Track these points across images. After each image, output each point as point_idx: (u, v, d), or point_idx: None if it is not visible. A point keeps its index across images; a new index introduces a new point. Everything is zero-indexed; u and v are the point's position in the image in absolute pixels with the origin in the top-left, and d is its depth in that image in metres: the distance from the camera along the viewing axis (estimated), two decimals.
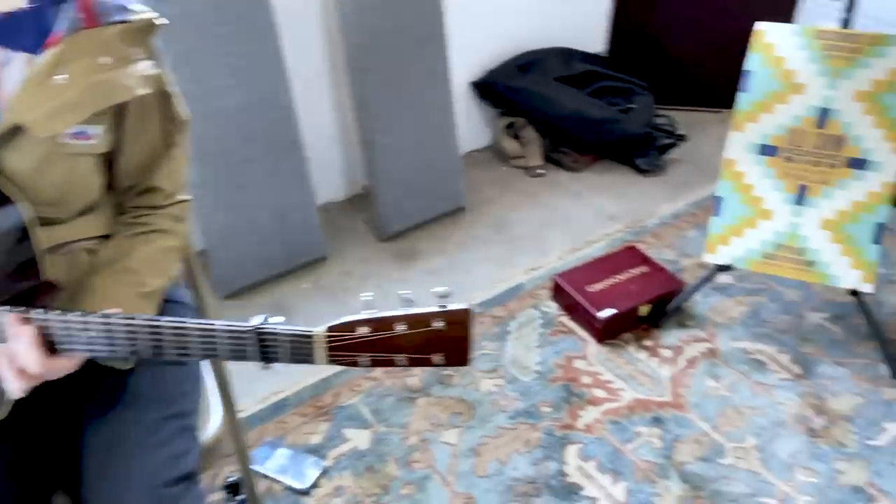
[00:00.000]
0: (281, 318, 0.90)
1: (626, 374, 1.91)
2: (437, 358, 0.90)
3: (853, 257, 1.89)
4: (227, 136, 1.96)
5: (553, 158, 2.81)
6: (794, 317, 2.09)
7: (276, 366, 0.92)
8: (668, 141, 2.84)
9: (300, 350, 0.87)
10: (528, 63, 2.76)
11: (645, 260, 2.19)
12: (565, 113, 2.69)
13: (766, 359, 1.95)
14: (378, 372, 1.88)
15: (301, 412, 1.79)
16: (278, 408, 1.81)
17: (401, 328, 0.87)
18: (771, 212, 1.98)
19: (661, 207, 2.58)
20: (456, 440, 1.73)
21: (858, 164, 1.87)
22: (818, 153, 1.91)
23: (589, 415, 1.80)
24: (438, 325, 0.87)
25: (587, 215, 2.55)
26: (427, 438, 1.73)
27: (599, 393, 1.86)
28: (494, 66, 2.73)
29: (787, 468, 1.67)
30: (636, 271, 2.14)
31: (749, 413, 1.80)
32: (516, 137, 2.80)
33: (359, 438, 1.73)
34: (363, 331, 0.86)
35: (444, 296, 0.89)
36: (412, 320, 0.87)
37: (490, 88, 2.73)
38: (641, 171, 2.77)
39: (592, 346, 2.00)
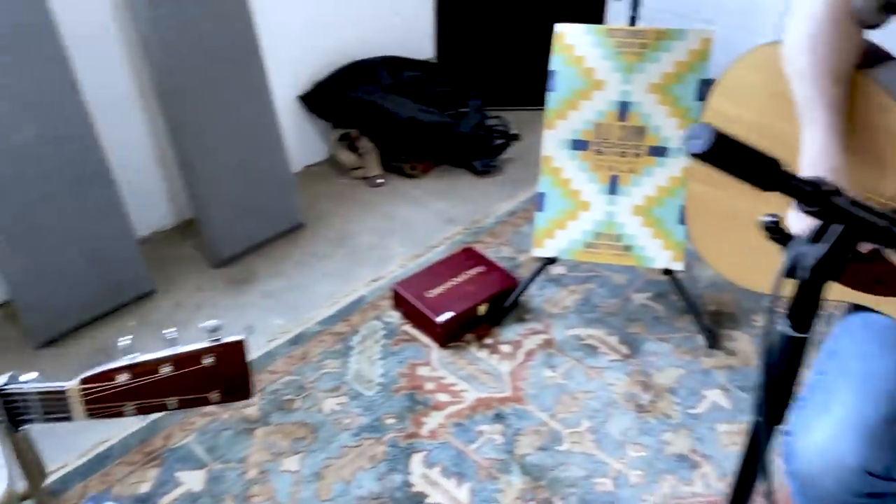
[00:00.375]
0: (33, 374, 0.84)
1: (469, 375, 1.94)
2: (213, 395, 0.87)
3: (663, 239, 2.02)
4: (22, 173, 1.82)
5: (392, 167, 2.82)
6: (621, 300, 2.20)
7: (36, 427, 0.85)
8: (501, 141, 2.92)
9: (55, 408, 0.81)
10: (356, 73, 2.75)
11: (481, 260, 2.24)
12: (399, 121, 2.71)
13: (598, 343, 2.04)
14: (213, 406, 1.80)
15: (128, 461, 1.69)
16: (102, 459, 1.69)
17: (166, 370, 0.82)
18: (589, 203, 2.08)
19: (498, 206, 2.65)
20: (298, 466, 1.69)
21: (659, 151, 2.00)
22: (623, 144, 2.03)
23: (433, 421, 1.81)
24: (209, 361, 0.84)
25: (428, 220, 2.58)
26: (267, 469, 1.68)
27: (443, 397, 1.88)
28: (321, 79, 2.70)
29: (619, 446, 1.75)
30: (473, 272, 2.18)
31: (583, 398, 1.88)
32: (353, 149, 2.79)
33: (192, 480, 1.66)
34: (123, 378, 0.82)
35: (213, 330, 0.85)
36: (178, 360, 0.83)
37: (319, 101, 2.70)
38: (478, 173, 2.83)
39: (435, 351, 2.02)
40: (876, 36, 1.13)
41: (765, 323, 0.60)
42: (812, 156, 1.07)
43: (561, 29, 1.98)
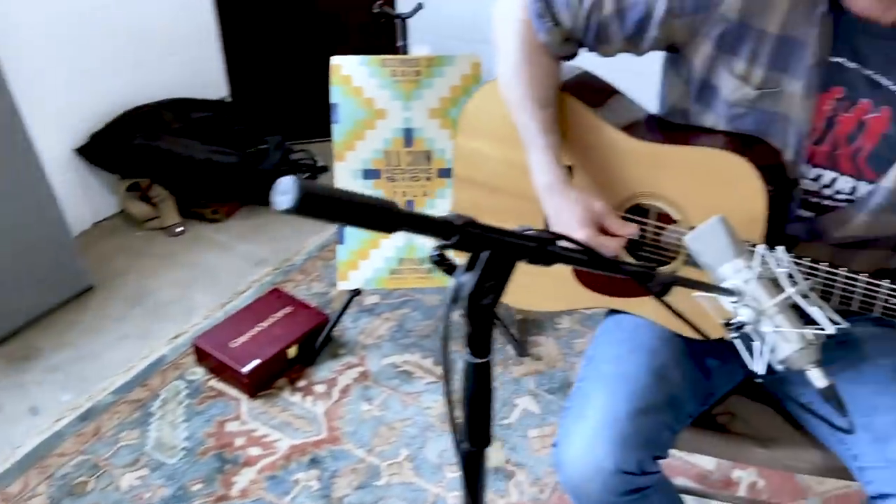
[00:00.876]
0: None
1: (282, 423, 1.87)
2: None
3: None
4: None
5: (192, 213, 2.68)
6: (435, 320, 2.22)
7: None
8: (308, 175, 2.88)
9: None
10: (138, 119, 2.60)
11: (289, 300, 2.17)
12: (193, 164, 2.59)
13: (413, 367, 2.05)
14: None
15: None
16: None
17: None
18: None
19: (308, 241, 2.60)
20: None
21: (447, 173, 2.04)
22: (414, 169, 2.06)
23: (244, 478, 1.72)
24: None
25: (235, 265, 2.48)
26: None
27: (255, 451, 1.79)
28: (100, 128, 2.53)
29: (436, 470, 1.75)
30: (280, 314, 2.11)
31: (400, 426, 1.87)
32: (146, 199, 2.63)
33: None
34: None
35: None
36: None
37: (99, 152, 2.52)
38: None
39: (245, 403, 1.93)
40: None
41: (443, 353, 0.61)
42: (536, 175, 1.14)
43: (337, 61, 1.98)
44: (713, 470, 1.75)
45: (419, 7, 2.03)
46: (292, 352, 2.03)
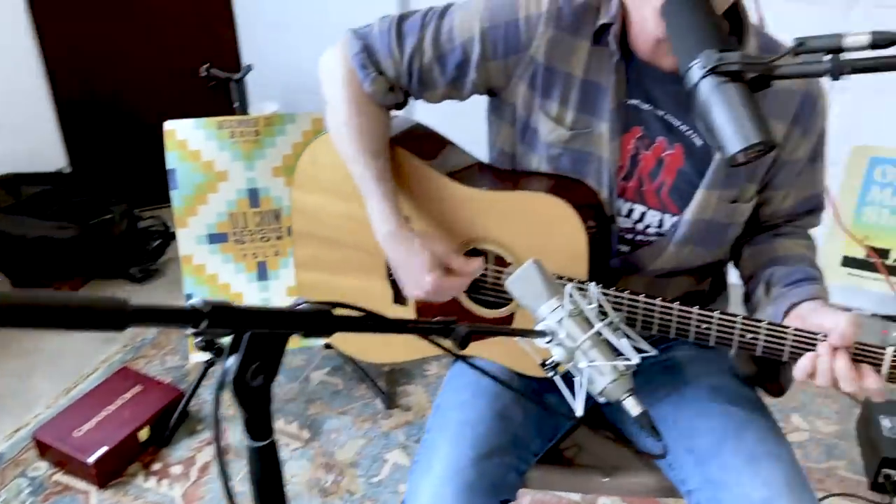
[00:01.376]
0: None
1: None
2: None
3: None
4: None
5: None
6: (300, 382, 2.16)
7: None
8: (158, 242, 2.76)
9: None
10: None
11: (139, 378, 2.05)
12: (27, 243, 2.42)
13: (278, 434, 1.96)
14: None
15: None
16: None
17: None
18: (241, 294, 2.03)
19: None
20: None
21: None
22: (263, 230, 2.01)
23: None
24: None
25: (80, 346, 2.31)
26: None
27: None
28: None
29: None
30: (130, 394, 1.98)
31: None
32: None
33: None
34: None
35: None
36: None
37: None
38: (137, 280, 2.63)
39: (94, 495, 1.78)
40: None
41: (216, 449, 0.58)
42: (377, 224, 1.14)
43: (170, 126, 1.92)
44: (579, 501, 1.78)
45: (248, 69, 2.02)
46: (144, 434, 1.90)
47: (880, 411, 1.86)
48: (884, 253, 2.21)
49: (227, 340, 0.57)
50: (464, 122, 1.39)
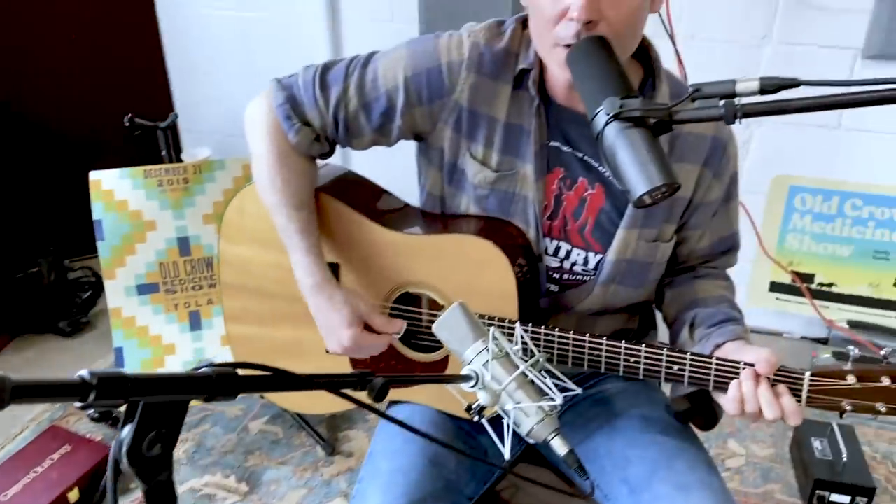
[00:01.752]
0: None
1: None
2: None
3: None
4: None
5: None
6: (237, 433, 2.10)
7: None
8: (89, 293, 2.67)
9: None
10: None
11: (68, 437, 1.97)
12: None
13: (215, 489, 1.91)
14: None
15: None
16: None
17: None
18: (173, 346, 1.98)
19: (94, 366, 2.38)
20: None
21: None
22: (195, 278, 1.98)
23: None
24: None
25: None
26: None
27: None
28: None
29: None
30: (58, 454, 1.90)
31: None
32: None
33: None
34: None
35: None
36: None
37: None
38: (67, 334, 2.54)
39: None
40: None
41: None
42: (300, 277, 1.13)
43: (96, 176, 1.88)
44: None
45: (175, 117, 2.00)
46: (73, 495, 1.82)
47: (811, 433, 1.91)
48: (808, 277, 2.29)
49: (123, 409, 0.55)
50: (399, 164, 1.39)
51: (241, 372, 0.61)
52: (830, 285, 2.28)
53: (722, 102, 0.79)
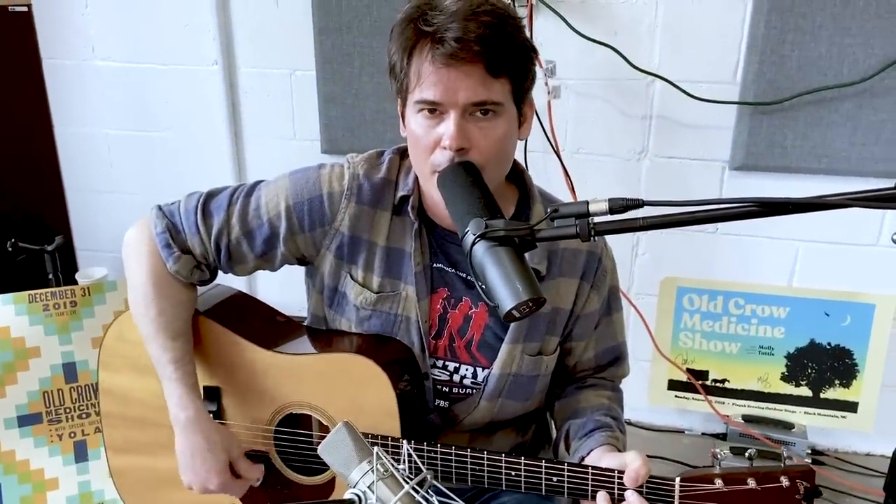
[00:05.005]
0: None
1: None
2: None
3: None
4: None
5: None
6: None
7: None
8: None
9: None
10: None
11: None
12: None
13: None
14: None
15: None
16: None
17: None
18: (56, 480, 1.84)
19: None
20: None
21: None
22: (82, 406, 1.87)
23: None
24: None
25: None
26: None
27: None
28: None
29: None
30: None
31: None
32: None
33: None
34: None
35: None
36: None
37: None
38: None
39: None
40: None
41: None
42: (173, 409, 1.10)
43: None
44: None
45: (62, 241, 1.95)
46: None
47: None
48: (703, 374, 2.38)
49: None
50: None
51: None
52: (724, 381, 2.37)
53: (577, 222, 0.85)
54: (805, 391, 2.31)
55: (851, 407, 2.28)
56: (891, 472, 1.16)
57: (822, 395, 2.30)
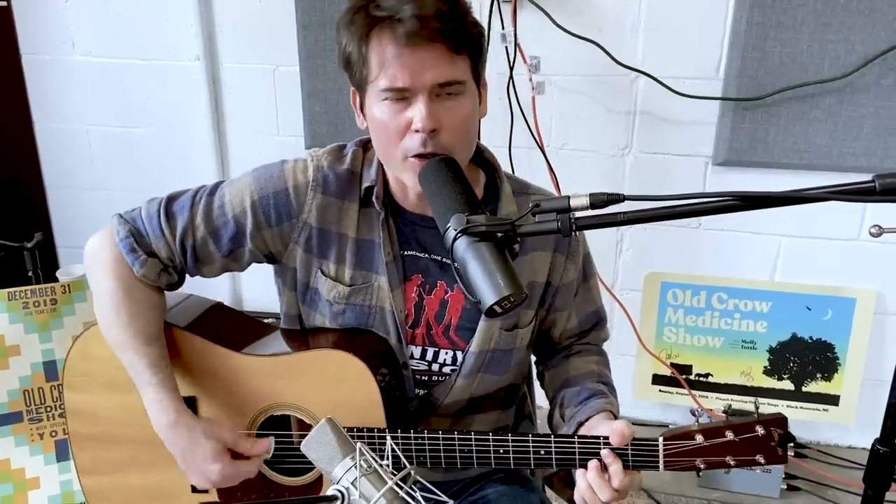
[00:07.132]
0: None
1: None
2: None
3: None
4: None
5: None
6: None
7: None
8: None
9: None
10: None
11: None
12: None
13: None
14: None
15: None
16: None
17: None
18: (38, 479, 1.83)
19: None
20: None
21: None
22: (62, 404, 1.85)
23: None
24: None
25: None
26: None
27: None
28: None
29: None
30: None
31: None
32: None
33: None
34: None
35: None
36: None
37: None
38: None
39: None
40: None
41: None
42: (154, 415, 1.09)
43: None
44: None
45: (41, 239, 1.93)
46: None
47: None
48: (686, 369, 2.40)
49: None
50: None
51: None
52: (707, 375, 2.39)
53: (558, 216, 0.85)
54: (787, 385, 2.33)
55: (833, 400, 2.30)
56: (870, 463, 1.19)
57: (803, 389, 2.33)
